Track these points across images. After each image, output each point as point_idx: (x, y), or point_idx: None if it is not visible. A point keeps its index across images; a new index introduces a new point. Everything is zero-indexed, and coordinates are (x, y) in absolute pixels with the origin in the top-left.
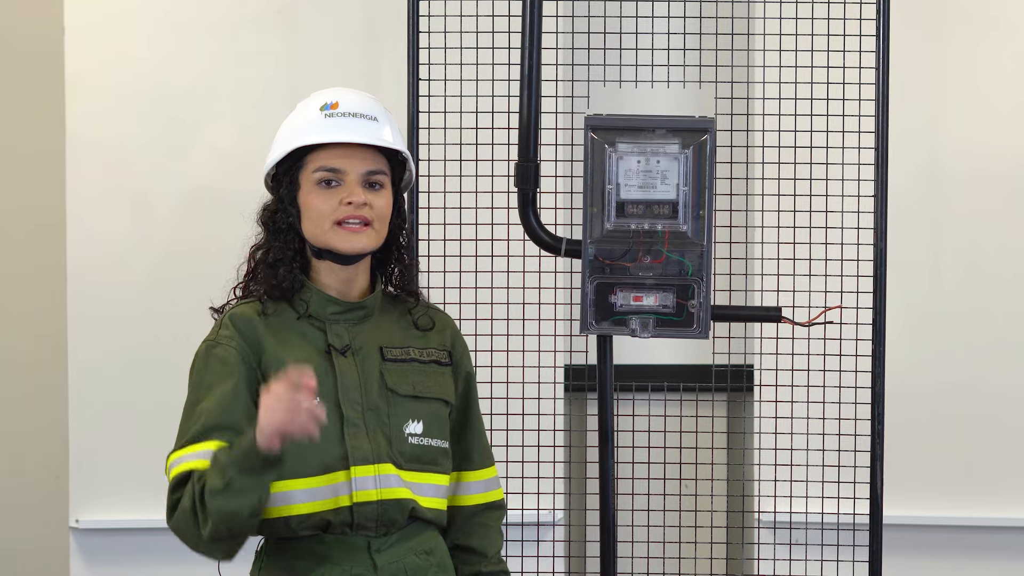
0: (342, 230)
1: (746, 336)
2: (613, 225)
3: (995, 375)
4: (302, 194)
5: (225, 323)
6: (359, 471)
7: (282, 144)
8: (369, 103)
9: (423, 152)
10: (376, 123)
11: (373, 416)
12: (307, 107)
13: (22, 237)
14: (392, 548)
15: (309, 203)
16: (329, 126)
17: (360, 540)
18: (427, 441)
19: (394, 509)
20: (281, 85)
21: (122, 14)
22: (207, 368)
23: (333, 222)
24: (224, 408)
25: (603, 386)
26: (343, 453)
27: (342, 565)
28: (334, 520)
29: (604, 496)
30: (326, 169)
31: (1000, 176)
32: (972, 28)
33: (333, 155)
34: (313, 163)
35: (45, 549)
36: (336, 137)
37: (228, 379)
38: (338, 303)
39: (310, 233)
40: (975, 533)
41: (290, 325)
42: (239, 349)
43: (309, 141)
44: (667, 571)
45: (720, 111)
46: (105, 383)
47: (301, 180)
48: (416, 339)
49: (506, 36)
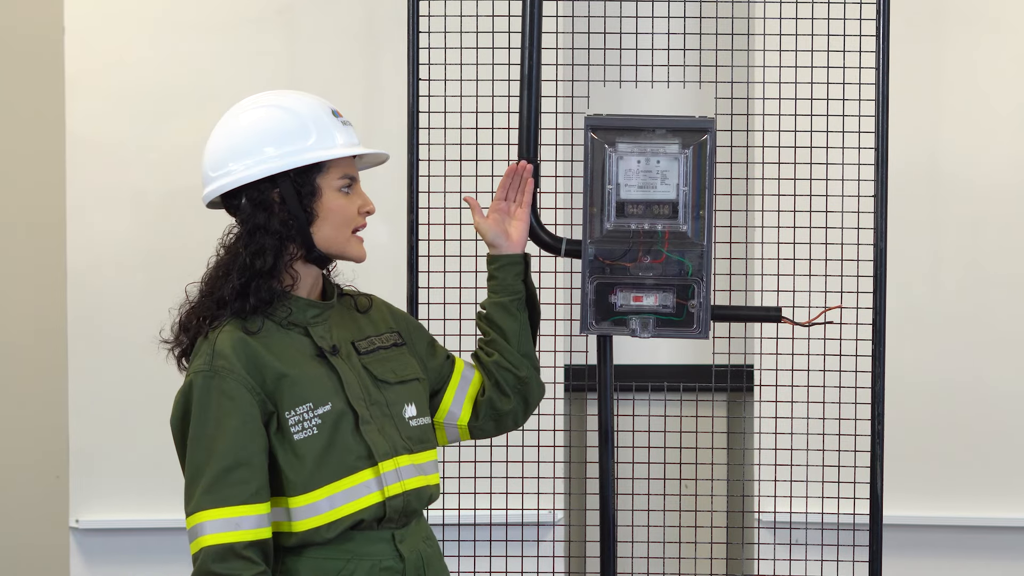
0: (355, 238)
1: (746, 336)
2: (613, 225)
3: (995, 375)
4: (324, 200)
5: (219, 351)
6: (384, 466)
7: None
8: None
9: (423, 152)
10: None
11: (377, 410)
12: (308, 110)
13: (22, 236)
14: (410, 537)
15: (334, 209)
16: (348, 134)
17: (385, 533)
18: (421, 420)
19: (415, 499)
20: (281, 85)
21: (122, 14)
22: (210, 401)
23: (352, 230)
24: (239, 446)
25: (603, 386)
26: (362, 452)
27: (372, 559)
28: (366, 518)
29: (604, 496)
30: (349, 177)
31: (1000, 176)
32: (972, 28)
33: (350, 163)
34: (337, 170)
35: (45, 549)
36: (365, 148)
37: (236, 414)
38: (316, 306)
39: (327, 238)
40: (975, 533)
41: (275, 335)
42: (241, 380)
43: (354, 151)
44: (667, 571)
45: (720, 111)
46: (105, 383)
47: (322, 185)
48: (368, 327)
49: (506, 36)
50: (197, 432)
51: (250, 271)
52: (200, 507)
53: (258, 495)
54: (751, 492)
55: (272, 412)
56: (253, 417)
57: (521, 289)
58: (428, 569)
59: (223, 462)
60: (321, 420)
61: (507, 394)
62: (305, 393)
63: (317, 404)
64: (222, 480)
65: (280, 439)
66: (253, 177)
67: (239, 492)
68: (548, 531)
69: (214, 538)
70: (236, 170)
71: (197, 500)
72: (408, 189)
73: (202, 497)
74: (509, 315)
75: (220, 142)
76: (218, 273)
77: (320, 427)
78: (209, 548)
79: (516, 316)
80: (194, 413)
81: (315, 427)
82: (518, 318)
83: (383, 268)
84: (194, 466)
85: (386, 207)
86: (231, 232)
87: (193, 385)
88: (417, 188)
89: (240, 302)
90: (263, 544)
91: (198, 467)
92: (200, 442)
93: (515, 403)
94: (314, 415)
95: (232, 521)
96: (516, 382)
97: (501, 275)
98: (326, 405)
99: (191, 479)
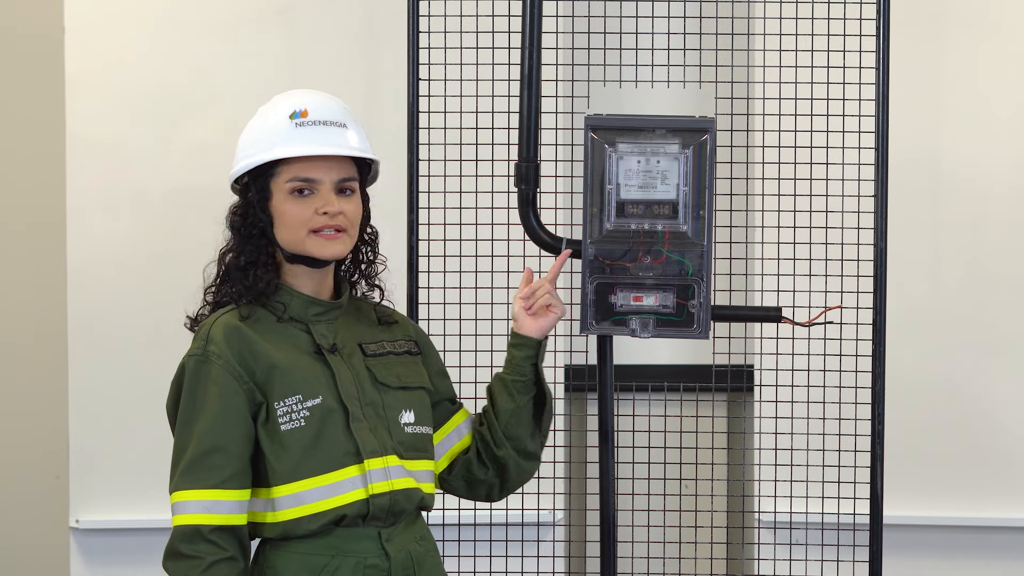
0: (318, 238)
1: (746, 336)
2: (613, 225)
3: (995, 375)
4: (275, 202)
5: (212, 337)
6: (371, 464)
7: (251, 152)
8: (336, 108)
9: (423, 152)
10: (344, 129)
11: (371, 410)
12: (275, 113)
13: (22, 236)
14: (399, 537)
15: (284, 212)
16: (300, 136)
17: (371, 531)
18: (419, 429)
19: (403, 499)
20: (281, 85)
21: (122, 14)
22: (198, 385)
23: (309, 230)
24: (217, 431)
25: (603, 386)
26: (350, 448)
27: (356, 555)
28: (349, 513)
29: (604, 496)
30: (300, 179)
31: (1000, 176)
32: (972, 28)
33: (306, 165)
34: (286, 173)
35: (45, 549)
36: (309, 150)
37: (219, 399)
38: (320, 303)
39: (285, 240)
40: (975, 533)
41: (272, 328)
42: (228, 368)
43: (282, 154)
44: (667, 571)
45: (720, 111)
46: (105, 383)
47: (273, 188)
48: (384, 333)
49: (506, 36)
50: (184, 414)
51: (233, 268)
52: (177, 487)
53: (233, 480)
54: (751, 492)
55: (261, 402)
56: (236, 405)
57: (528, 373)
58: (419, 569)
59: (201, 445)
60: (309, 413)
61: (484, 464)
62: (295, 385)
63: (307, 396)
64: (199, 463)
65: (267, 429)
66: (232, 177)
67: (213, 476)
68: (548, 531)
69: (185, 518)
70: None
71: (176, 479)
72: (408, 189)
73: (180, 477)
74: (507, 394)
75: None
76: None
77: (308, 419)
78: (179, 528)
79: (513, 397)
80: (183, 395)
81: (303, 419)
82: (515, 399)
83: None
84: (178, 446)
85: (386, 207)
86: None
87: (185, 368)
88: (417, 188)
89: (239, 287)
90: (235, 531)
91: (181, 447)
92: (185, 424)
93: (491, 476)
94: (303, 407)
95: (203, 504)
96: (492, 458)
97: (513, 352)
98: (316, 398)
99: (175, 458)
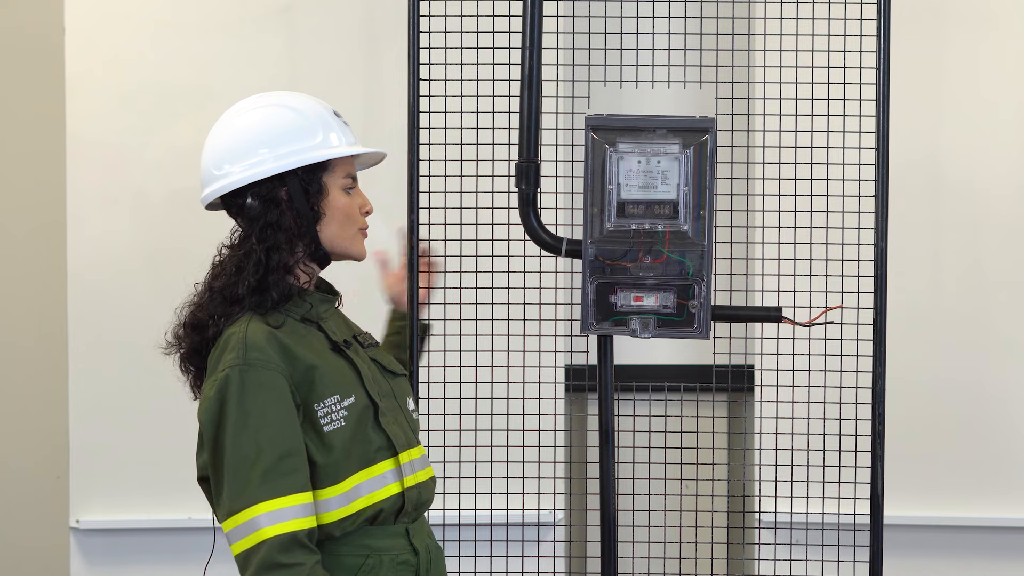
0: (360, 236)
1: (746, 336)
2: (614, 225)
3: (995, 375)
4: (330, 198)
5: (252, 344)
6: (403, 457)
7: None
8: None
9: (423, 152)
10: None
11: (389, 401)
12: (314, 109)
13: (23, 236)
14: (420, 532)
15: (339, 208)
16: (349, 134)
17: (399, 527)
18: (416, 413)
19: (426, 491)
20: (281, 85)
21: (122, 14)
22: (247, 393)
23: (358, 229)
24: (287, 435)
25: (603, 386)
26: (382, 443)
27: (391, 553)
28: (386, 508)
29: (604, 496)
30: (353, 177)
31: (1000, 176)
32: (972, 28)
33: (352, 163)
34: (341, 169)
35: (45, 549)
36: (370, 148)
37: (276, 404)
38: (328, 300)
39: (333, 237)
40: (975, 533)
41: (297, 330)
42: (279, 369)
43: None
44: (667, 571)
45: (720, 111)
46: (105, 383)
47: (329, 184)
48: (352, 323)
49: (506, 36)
50: (236, 425)
51: (265, 267)
52: (255, 499)
53: (308, 483)
54: (751, 492)
55: (299, 405)
56: (293, 407)
57: None
58: (435, 565)
59: (275, 452)
60: (347, 412)
61: None
62: (333, 385)
63: (343, 396)
64: (276, 470)
65: (309, 430)
66: (263, 175)
67: (294, 481)
68: (548, 531)
69: (276, 528)
70: (242, 168)
71: (251, 493)
72: (408, 189)
73: (257, 490)
74: None
75: (225, 142)
76: (229, 270)
77: (347, 419)
78: (273, 540)
79: None
80: (230, 407)
81: (343, 419)
82: None
83: None
84: (240, 460)
85: (386, 207)
86: (236, 232)
87: (229, 380)
88: (417, 188)
89: (258, 297)
90: (315, 533)
91: (245, 460)
92: (243, 436)
93: None
94: (341, 407)
95: (291, 510)
96: None
97: None
98: (351, 397)
99: (236, 474)
